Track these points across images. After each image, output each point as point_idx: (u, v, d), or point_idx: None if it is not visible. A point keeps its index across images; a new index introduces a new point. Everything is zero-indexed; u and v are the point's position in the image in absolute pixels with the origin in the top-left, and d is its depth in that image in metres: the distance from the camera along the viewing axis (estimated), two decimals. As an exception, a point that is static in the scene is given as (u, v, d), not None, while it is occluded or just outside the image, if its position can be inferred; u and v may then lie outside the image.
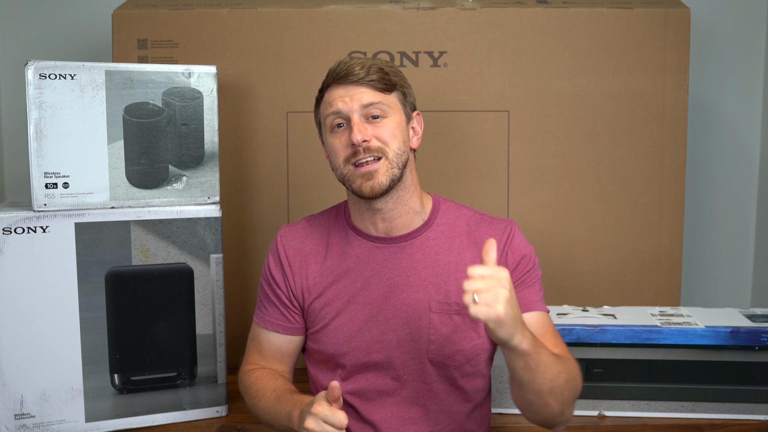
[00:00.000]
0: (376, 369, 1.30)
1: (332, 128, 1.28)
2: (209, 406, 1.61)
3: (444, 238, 1.32)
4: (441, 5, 1.83)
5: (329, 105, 1.28)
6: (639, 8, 1.82)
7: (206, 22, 1.81)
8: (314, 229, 1.37)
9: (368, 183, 1.24)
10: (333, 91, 1.28)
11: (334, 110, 1.26)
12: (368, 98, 1.25)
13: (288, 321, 1.36)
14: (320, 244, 1.35)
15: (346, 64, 1.28)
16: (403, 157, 1.27)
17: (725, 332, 1.56)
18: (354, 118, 1.25)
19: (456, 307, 1.28)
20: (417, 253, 1.30)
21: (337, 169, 1.28)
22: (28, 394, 1.49)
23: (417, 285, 1.29)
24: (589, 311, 1.67)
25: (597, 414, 1.60)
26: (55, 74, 1.45)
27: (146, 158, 1.54)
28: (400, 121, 1.28)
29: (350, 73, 1.26)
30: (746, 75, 2.18)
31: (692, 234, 2.21)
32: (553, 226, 1.86)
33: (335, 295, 1.31)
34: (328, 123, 1.29)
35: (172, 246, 1.56)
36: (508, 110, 1.84)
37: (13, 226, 1.46)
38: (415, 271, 1.30)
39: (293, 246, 1.36)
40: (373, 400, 1.31)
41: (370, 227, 1.32)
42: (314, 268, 1.34)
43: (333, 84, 1.29)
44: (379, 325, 1.29)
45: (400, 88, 1.30)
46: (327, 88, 1.30)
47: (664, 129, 1.84)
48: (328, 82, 1.30)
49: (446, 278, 1.29)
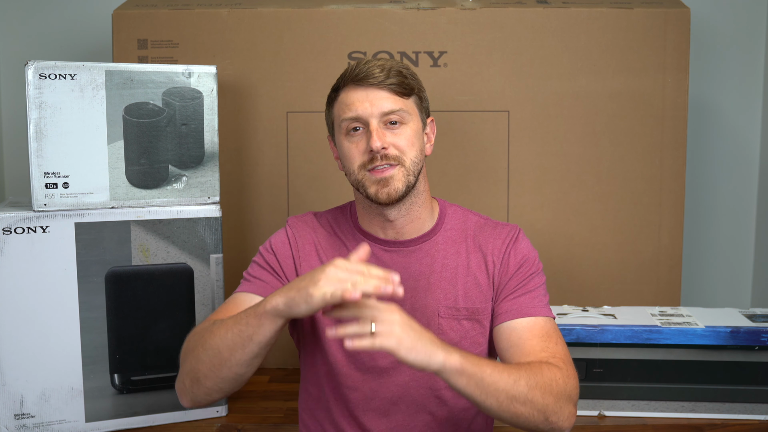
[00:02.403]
0: (382, 375, 1.27)
1: (348, 132, 1.25)
2: (209, 406, 1.61)
3: (451, 243, 1.30)
4: (441, 5, 1.83)
5: (347, 108, 1.24)
6: (639, 8, 1.82)
7: (206, 22, 1.81)
8: (322, 226, 1.34)
9: (384, 189, 1.22)
10: (351, 93, 1.24)
11: (353, 115, 1.23)
12: (389, 105, 1.23)
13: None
14: (329, 243, 1.32)
15: (365, 65, 1.24)
16: (419, 165, 1.26)
17: (725, 332, 1.56)
18: (373, 123, 1.22)
19: (465, 312, 1.27)
20: (425, 258, 1.29)
21: (351, 174, 1.25)
22: (28, 394, 1.49)
23: (425, 290, 1.28)
24: (589, 311, 1.67)
25: (597, 414, 1.60)
26: (55, 74, 1.45)
27: (146, 158, 1.54)
28: (417, 129, 1.26)
29: (370, 75, 1.23)
30: (746, 75, 2.18)
31: (692, 234, 2.21)
32: (553, 226, 1.86)
33: None
34: (344, 126, 1.25)
35: (172, 246, 1.56)
36: (508, 110, 1.84)
37: (13, 226, 1.46)
38: (423, 276, 1.28)
39: (303, 235, 1.32)
40: (377, 409, 1.28)
41: (379, 231, 1.30)
42: (324, 261, 1.27)
43: (350, 85, 1.25)
44: None
45: (418, 92, 1.28)
46: (342, 87, 1.26)
47: (664, 129, 1.84)
48: (345, 83, 1.25)
49: (454, 283, 1.28)
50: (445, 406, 1.28)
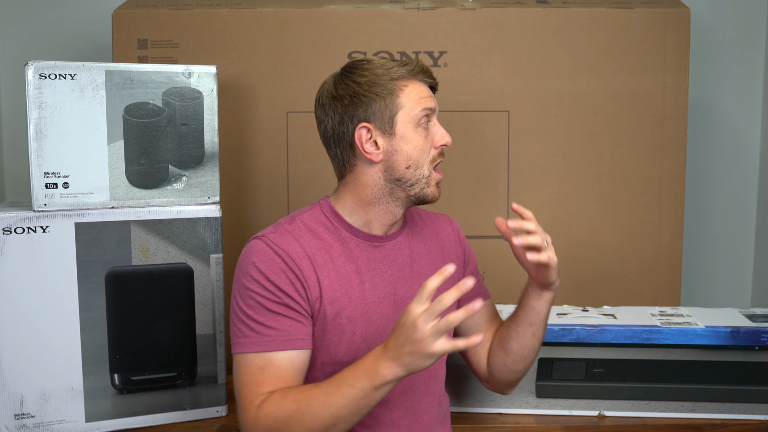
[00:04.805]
0: None
1: (420, 122, 1.24)
2: (209, 406, 1.61)
3: (417, 234, 1.36)
4: (441, 5, 1.84)
5: (423, 99, 1.23)
6: (639, 8, 1.82)
7: (206, 22, 1.81)
8: (302, 232, 1.25)
9: (438, 190, 1.28)
10: (421, 87, 1.25)
11: (430, 106, 1.24)
12: None
13: (309, 333, 1.21)
14: (317, 247, 1.25)
15: (417, 61, 1.26)
16: None
17: (725, 332, 1.56)
18: (436, 119, 1.26)
19: None
20: (405, 249, 1.33)
21: (418, 168, 1.24)
22: (28, 394, 1.49)
23: (414, 278, 1.32)
24: (589, 311, 1.67)
25: (597, 414, 1.60)
26: (55, 74, 1.45)
27: (146, 158, 1.54)
28: None
29: (431, 76, 1.27)
30: (746, 75, 2.18)
31: (692, 234, 2.21)
32: (554, 226, 1.86)
33: (347, 300, 1.24)
34: (421, 116, 1.23)
35: (172, 246, 1.56)
36: (508, 110, 1.84)
37: (13, 226, 1.46)
38: (407, 265, 1.32)
39: (294, 249, 1.22)
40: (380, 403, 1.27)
41: (374, 228, 1.29)
42: (323, 272, 1.23)
43: (420, 78, 1.25)
44: (391, 323, 1.28)
45: None
46: (408, 78, 1.23)
47: (664, 129, 1.84)
48: (412, 74, 1.24)
49: (431, 269, 1.33)
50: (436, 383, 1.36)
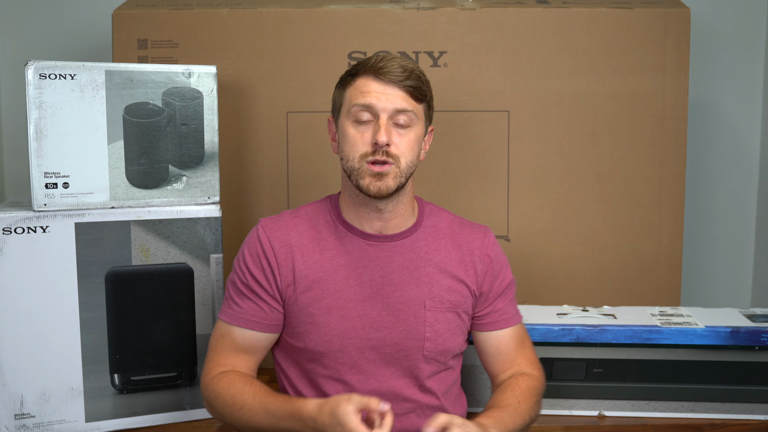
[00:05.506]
0: (367, 366, 1.31)
1: (356, 118, 1.27)
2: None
3: (431, 239, 1.35)
4: (441, 5, 1.84)
5: (362, 95, 1.26)
6: (639, 8, 1.82)
7: (206, 22, 1.81)
8: (300, 222, 1.35)
9: (377, 183, 1.25)
10: (369, 83, 1.27)
11: (367, 103, 1.26)
12: (401, 104, 1.26)
13: (266, 317, 1.32)
14: (308, 238, 1.33)
15: (389, 61, 1.27)
16: (412, 169, 1.30)
17: (725, 332, 1.56)
18: (383, 118, 1.25)
19: (448, 305, 1.33)
20: (408, 253, 1.33)
21: (349, 161, 1.28)
22: (28, 394, 1.49)
23: (410, 283, 1.32)
24: (589, 311, 1.67)
25: (597, 414, 1.60)
26: (55, 74, 1.45)
27: (146, 158, 1.54)
28: (419, 135, 1.30)
29: (391, 71, 1.26)
30: (746, 75, 2.18)
31: (692, 234, 2.21)
32: (553, 226, 1.86)
33: (326, 292, 1.30)
34: (353, 111, 1.27)
35: (172, 246, 1.56)
36: (508, 110, 1.84)
37: (13, 226, 1.46)
38: (408, 269, 1.32)
39: (278, 237, 1.33)
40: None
41: (365, 225, 1.33)
42: (301, 261, 1.31)
43: (370, 74, 1.27)
44: (373, 323, 1.30)
45: (429, 100, 1.32)
46: (361, 74, 1.28)
47: (664, 129, 1.84)
48: (365, 71, 1.28)
49: (437, 277, 1.33)
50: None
